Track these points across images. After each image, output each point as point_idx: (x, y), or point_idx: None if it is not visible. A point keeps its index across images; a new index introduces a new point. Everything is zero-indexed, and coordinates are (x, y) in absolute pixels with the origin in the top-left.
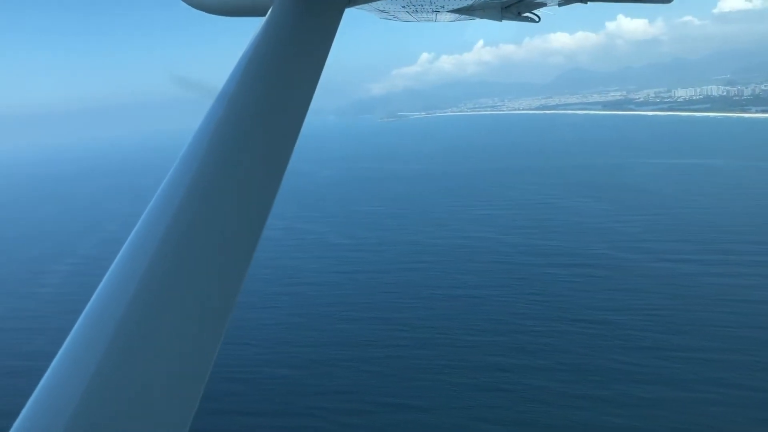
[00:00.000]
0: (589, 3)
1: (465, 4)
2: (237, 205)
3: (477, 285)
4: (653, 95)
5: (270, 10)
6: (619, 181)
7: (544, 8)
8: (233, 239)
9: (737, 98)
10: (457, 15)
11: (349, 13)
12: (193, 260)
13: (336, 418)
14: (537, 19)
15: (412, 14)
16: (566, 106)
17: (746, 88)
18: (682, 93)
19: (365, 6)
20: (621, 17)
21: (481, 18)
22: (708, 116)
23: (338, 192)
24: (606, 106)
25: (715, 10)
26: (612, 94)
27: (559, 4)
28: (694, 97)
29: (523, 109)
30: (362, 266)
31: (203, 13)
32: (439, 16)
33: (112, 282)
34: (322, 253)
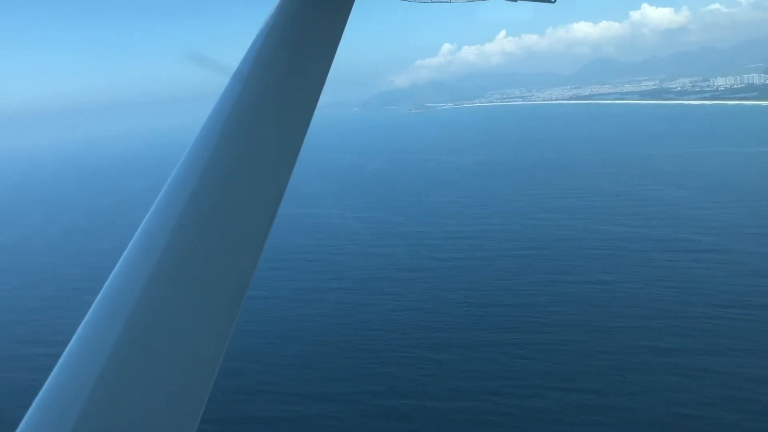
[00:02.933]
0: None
1: None
2: (253, 185)
3: (597, 271)
4: (689, 84)
5: None
6: (698, 169)
7: None
8: (248, 222)
9: None
10: None
11: (366, 3)
12: (201, 256)
13: (511, 401)
14: None
15: None
16: (601, 96)
17: None
18: (721, 82)
19: None
20: (645, 6)
21: None
22: (761, 105)
23: (398, 183)
24: (643, 95)
25: None
26: (645, 83)
27: None
28: (735, 86)
29: (555, 99)
30: (460, 254)
31: None
32: None
33: (119, 278)
34: (409, 241)
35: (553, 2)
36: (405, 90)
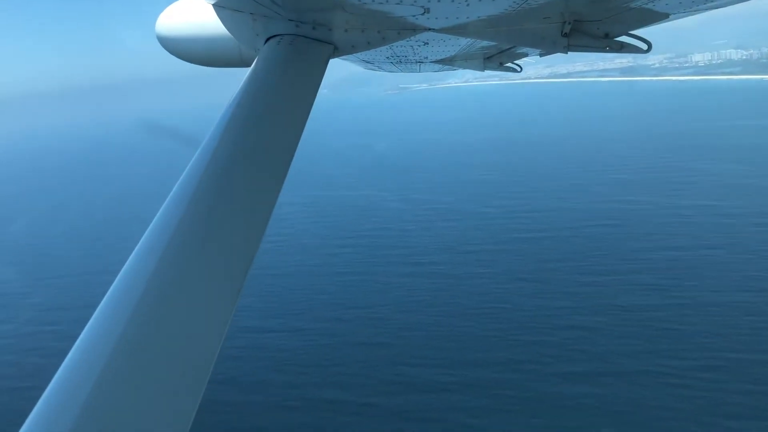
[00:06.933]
0: (569, 53)
1: (447, 55)
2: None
3: (695, 237)
4: (666, 61)
5: (255, 61)
6: (740, 142)
7: (525, 58)
8: (240, 229)
9: (765, 61)
10: (440, 65)
11: None
12: (195, 263)
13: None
14: (519, 69)
15: (396, 65)
16: (579, 73)
17: None
18: (699, 58)
19: (350, 57)
20: None
21: (464, 68)
22: (750, 79)
23: (418, 163)
24: (623, 72)
25: None
26: (618, 60)
27: (541, 55)
28: (714, 62)
29: (534, 78)
30: (536, 228)
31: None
32: (422, 66)
33: (119, 289)
34: (472, 220)
35: (520, 71)
36: (374, 72)
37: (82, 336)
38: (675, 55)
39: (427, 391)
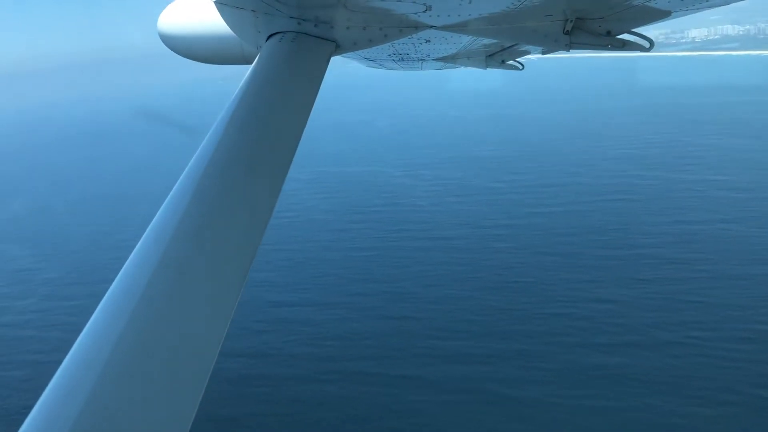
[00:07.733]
0: (571, 52)
1: (449, 53)
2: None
3: (708, 212)
4: (663, 37)
5: (257, 59)
6: (743, 117)
7: (528, 56)
8: (240, 229)
9: (763, 36)
10: (442, 63)
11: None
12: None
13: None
14: (521, 66)
15: (398, 62)
16: None
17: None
18: (696, 33)
19: (352, 54)
20: None
21: (466, 66)
22: (750, 54)
23: (424, 139)
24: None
25: None
26: None
27: (543, 53)
28: (710, 37)
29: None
30: (550, 205)
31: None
32: (424, 64)
33: (119, 288)
34: (486, 195)
35: (522, 69)
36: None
37: (81, 335)
38: (671, 31)
39: (459, 362)
